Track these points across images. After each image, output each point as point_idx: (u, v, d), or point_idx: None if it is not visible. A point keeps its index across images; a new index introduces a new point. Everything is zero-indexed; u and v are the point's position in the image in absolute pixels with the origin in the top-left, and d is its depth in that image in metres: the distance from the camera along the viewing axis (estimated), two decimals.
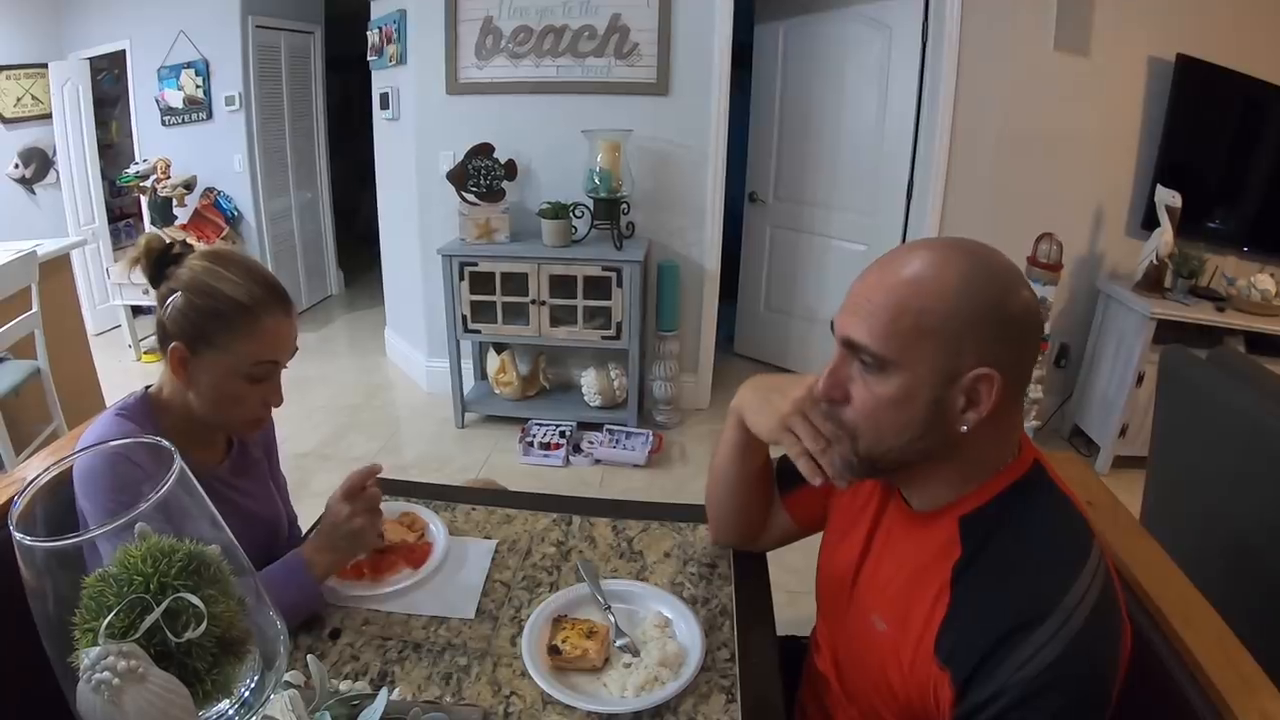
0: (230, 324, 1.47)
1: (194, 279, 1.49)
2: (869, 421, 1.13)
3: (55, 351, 3.85)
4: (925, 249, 1.12)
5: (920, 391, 1.08)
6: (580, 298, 4.46)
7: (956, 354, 1.06)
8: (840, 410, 1.17)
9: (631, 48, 4.53)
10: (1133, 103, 4.36)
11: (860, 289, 1.14)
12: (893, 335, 1.07)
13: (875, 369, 1.10)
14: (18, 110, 6.10)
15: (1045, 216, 4.30)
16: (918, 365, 1.07)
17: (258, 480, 1.81)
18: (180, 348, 1.48)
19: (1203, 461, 2.27)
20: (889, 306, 1.08)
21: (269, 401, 1.60)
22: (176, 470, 0.76)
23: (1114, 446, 4.30)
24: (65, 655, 0.71)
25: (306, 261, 7.43)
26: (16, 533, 0.70)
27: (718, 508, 1.70)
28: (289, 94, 6.90)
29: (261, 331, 1.50)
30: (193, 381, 1.52)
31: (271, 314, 1.51)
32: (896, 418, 1.10)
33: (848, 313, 1.13)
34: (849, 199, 5.12)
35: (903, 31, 4.54)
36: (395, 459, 4.54)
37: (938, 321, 1.06)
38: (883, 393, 1.10)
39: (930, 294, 1.07)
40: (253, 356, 1.50)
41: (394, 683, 1.37)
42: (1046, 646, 0.99)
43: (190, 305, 1.47)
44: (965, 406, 1.08)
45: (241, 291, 1.48)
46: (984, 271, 1.08)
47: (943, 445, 1.12)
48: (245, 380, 1.52)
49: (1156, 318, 4.03)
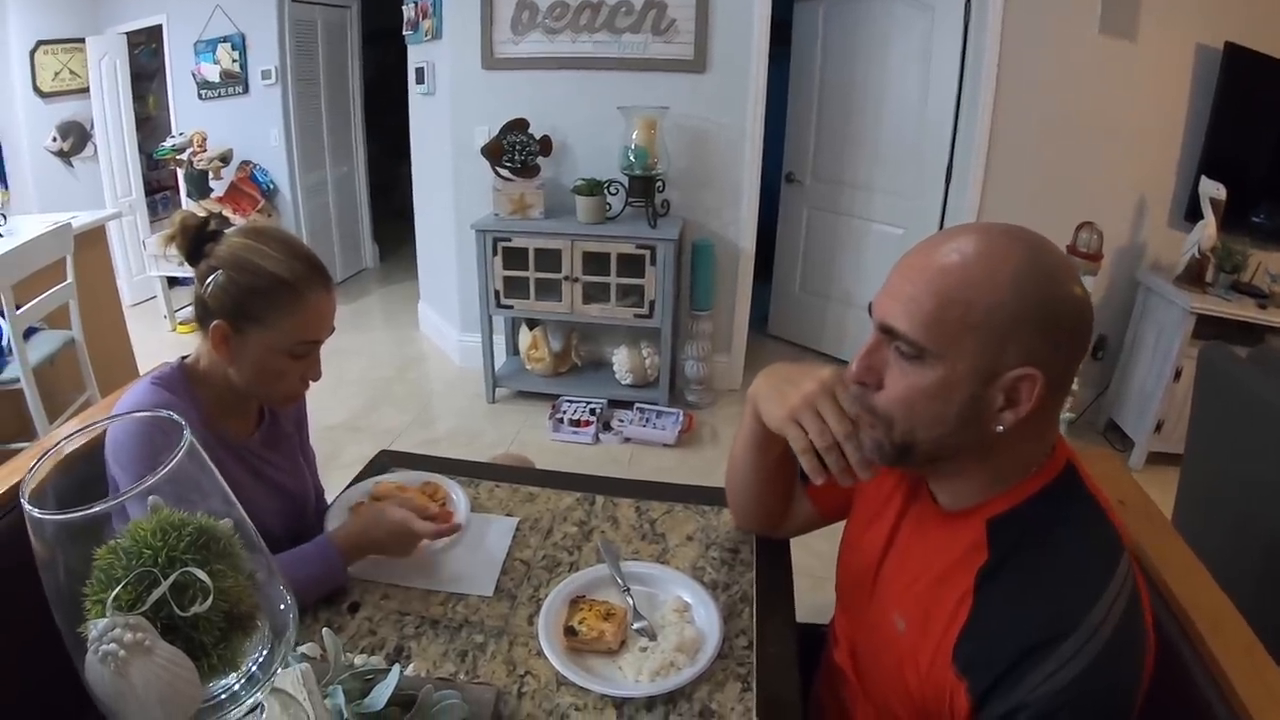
0: (273, 300, 1.47)
1: (234, 255, 1.48)
2: (902, 409, 1.09)
3: (90, 322, 3.89)
4: (977, 235, 1.07)
5: (958, 386, 1.04)
6: (613, 275, 4.44)
7: (1000, 351, 1.01)
8: (872, 396, 1.12)
9: (669, 24, 4.49)
10: (1179, 91, 4.28)
11: (903, 273, 1.09)
12: (935, 325, 1.03)
13: (913, 358, 1.05)
14: (56, 84, 6.15)
15: (1086, 204, 4.24)
16: (958, 359, 1.03)
17: (288, 453, 1.81)
18: (223, 325, 1.48)
19: (1239, 463, 2.23)
20: (934, 295, 1.03)
21: (308, 376, 1.60)
22: (186, 444, 0.75)
23: (1149, 442, 4.23)
24: (75, 626, 0.70)
25: (342, 235, 7.47)
26: (27, 505, 0.69)
27: (737, 496, 1.68)
28: (325, 68, 6.93)
29: (304, 307, 1.50)
30: (235, 357, 1.52)
31: (314, 289, 1.52)
32: (930, 409, 1.06)
33: (889, 297, 1.09)
34: (888, 181, 5.07)
35: (945, 12, 4.48)
36: (426, 432, 4.56)
37: (984, 316, 1.01)
38: (918, 382, 1.06)
39: (979, 286, 1.02)
40: (296, 333, 1.51)
41: (410, 658, 1.37)
42: (1069, 664, 0.97)
43: (232, 282, 1.47)
44: (1003, 406, 1.04)
45: (283, 267, 1.48)
46: (1038, 266, 1.02)
47: (976, 444, 1.08)
48: (287, 356, 1.52)
49: (1197, 312, 3.95)
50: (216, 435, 1.57)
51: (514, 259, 4.52)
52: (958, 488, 1.17)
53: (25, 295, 3.45)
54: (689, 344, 4.81)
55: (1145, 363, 4.35)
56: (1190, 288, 4.07)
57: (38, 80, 6.02)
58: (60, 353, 3.77)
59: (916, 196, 4.88)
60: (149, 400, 1.47)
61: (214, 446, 1.53)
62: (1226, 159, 4.18)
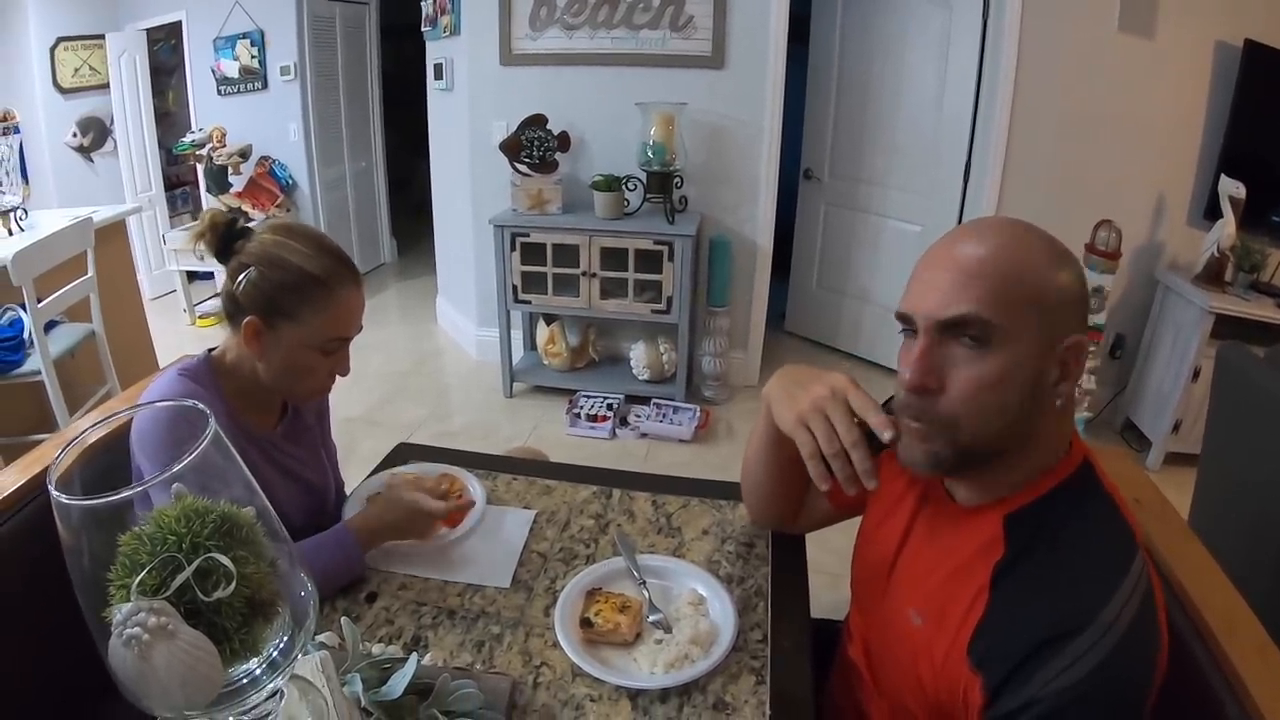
0: (304, 296, 1.49)
1: (265, 252, 1.51)
2: (971, 406, 1.06)
3: (110, 315, 3.93)
4: (998, 223, 1.12)
5: (1023, 365, 1.04)
6: (631, 271, 4.45)
7: (1053, 324, 1.04)
8: (934, 402, 1.09)
9: (687, 20, 4.49)
10: (1198, 88, 4.26)
11: (936, 268, 1.10)
12: (1003, 303, 1.03)
13: (981, 344, 1.05)
14: (76, 80, 6.20)
15: (1104, 202, 4.22)
16: (1023, 335, 1.04)
17: (309, 446, 1.83)
18: (256, 321, 1.50)
19: (1256, 464, 2.20)
20: (997, 274, 1.04)
21: (336, 372, 1.62)
22: (210, 433, 0.76)
23: (1166, 443, 4.20)
24: (99, 611, 0.71)
25: (360, 230, 7.51)
26: (54, 490, 0.70)
27: (752, 493, 1.68)
28: (343, 64, 6.96)
29: (335, 303, 1.53)
30: (266, 353, 1.53)
31: (344, 285, 1.54)
32: (994, 400, 1.06)
33: (933, 291, 1.08)
34: (906, 178, 5.05)
35: (964, 9, 4.46)
36: (443, 426, 4.58)
37: (1040, 291, 1.04)
38: (984, 371, 1.05)
39: (1028, 263, 1.05)
40: (327, 330, 1.53)
41: (427, 648, 1.38)
42: (1081, 660, 0.97)
43: (264, 278, 1.49)
44: (1059, 378, 1.06)
45: (313, 264, 1.50)
46: (1056, 246, 1.08)
47: (1031, 427, 1.09)
48: (318, 352, 1.54)
49: (1215, 312, 3.92)
50: (240, 427, 1.59)
51: (532, 254, 4.53)
52: (978, 484, 1.17)
53: (47, 289, 3.48)
54: (706, 340, 4.81)
55: (1163, 362, 4.32)
56: (1209, 287, 4.04)
57: (58, 76, 6.07)
58: (81, 345, 3.81)
59: (934, 194, 4.86)
60: (175, 390, 1.49)
61: (237, 438, 1.53)
62: (1246, 157, 4.15)
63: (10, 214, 4.04)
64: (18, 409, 3.68)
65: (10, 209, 4.06)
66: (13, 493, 1.43)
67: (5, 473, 1.50)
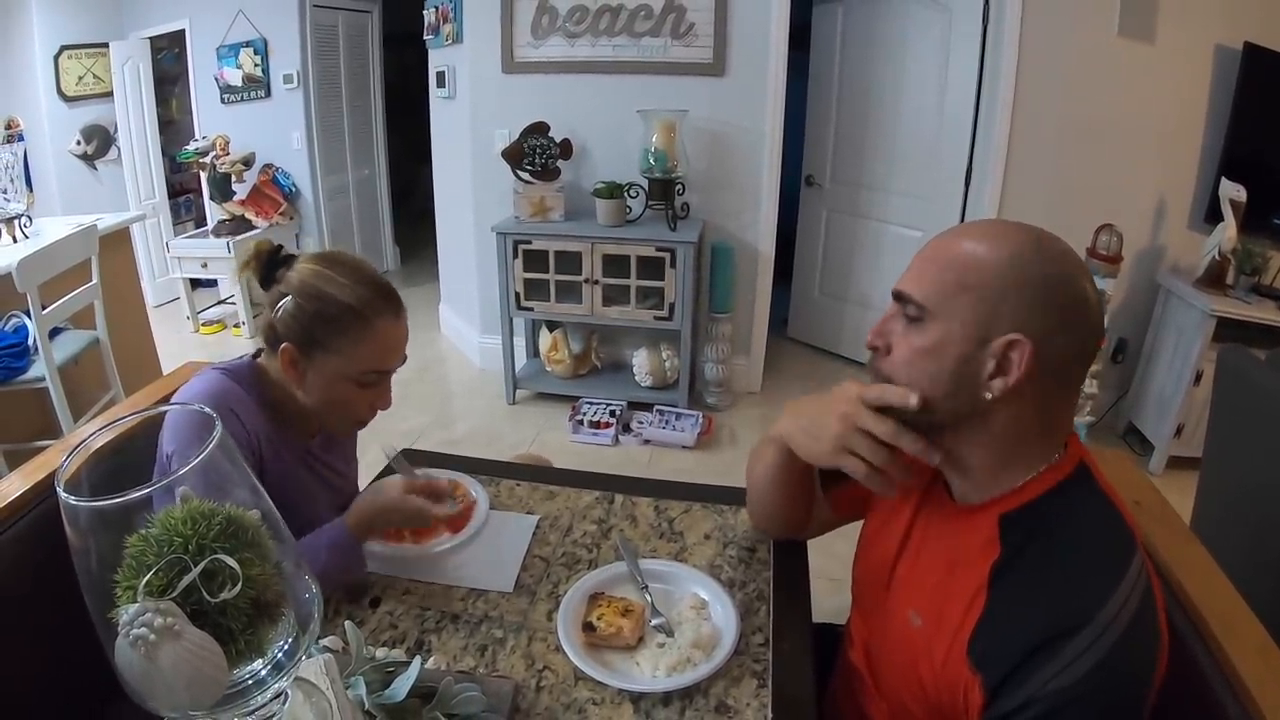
0: (340, 327, 1.48)
1: (304, 282, 1.50)
2: (903, 370, 1.14)
3: (114, 322, 3.95)
4: (989, 222, 1.17)
5: (951, 344, 1.09)
6: (633, 278, 4.45)
7: (990, 315, 1.06)
8: (881, 363, 1.18)
9: (688, 27, 4.50)
10: (1198, 92, 4.26)
11: (919, 254, 1.18)
12: (935, 286, 1.11)
13: (915, 319, 1.12)
14: (80, 89, 6.24)
15: (1106, 207, 4.21)
16: (952, 318, 1.09)
17: (342, 456, 1.84)
18: (291, 349, 1.49)
19: (1258, 467, 2.19)
20: (938, 261, 1.13)
21: (377, 405, 1.61)
22: (217, 436, 0.77)
23: (1169, 447, 4.19)
24: (106, 612, 0.72)
25: (363, 237, 7.53)
26: (62, 493, 0.71)
27: (759, 511, 1.68)
28: (346, 72, 6.99)
29: (373, 336, 1.51)
30: (303, 381, 1.53)
31: (382, 316, 1.52)
32: (926, 368, 1.11)
33: (905, 273, 1.17)
34: (907, 184, 5.06)
35: (963, 14, 4.47)
36: (445, 433, 4.58)
37: (979, 279, 1.08)
38: (917, 341, 1.12)
39: (979, 255, 1.09)
40: (364, 362, 1.52)
41: (430, 652, 1.38)
42: (1080, 659, 0.97)
43: (300, 309, 1.48)
44: (994, 373, 1.07)
45: (350, 294, 1.49)
46: (1040, 253, 1.08)
47: (972, 414, 1.11)
48: (355, 384, 1.53)
49: (1216, 315, 3.92)
50: (280, 434, 1.58)
51: (534, 261, 4.53)
52: (970, 478, 1.18)
53: (51, 296, 3.50)
54: (708, 346, 4.81)
55: (1165, 366, 4.32)
56: (1210, 290, 4.04)
57: (62, 84, 6.10)
58: (85, 352, 3.82)
59: (935, 199, 4.86)
60: (215, 388, 1.49)
61: (277, 443, 1.56)
62: (1246, 160, 4.16)
63: (15, 221, 4.06)
64: (22, 415, 3.69)
65: (15, 216, 4.08)
66: (18, 498, 1.44)
67: (10, 478, 1.51)
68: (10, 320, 3.63)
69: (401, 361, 1.59)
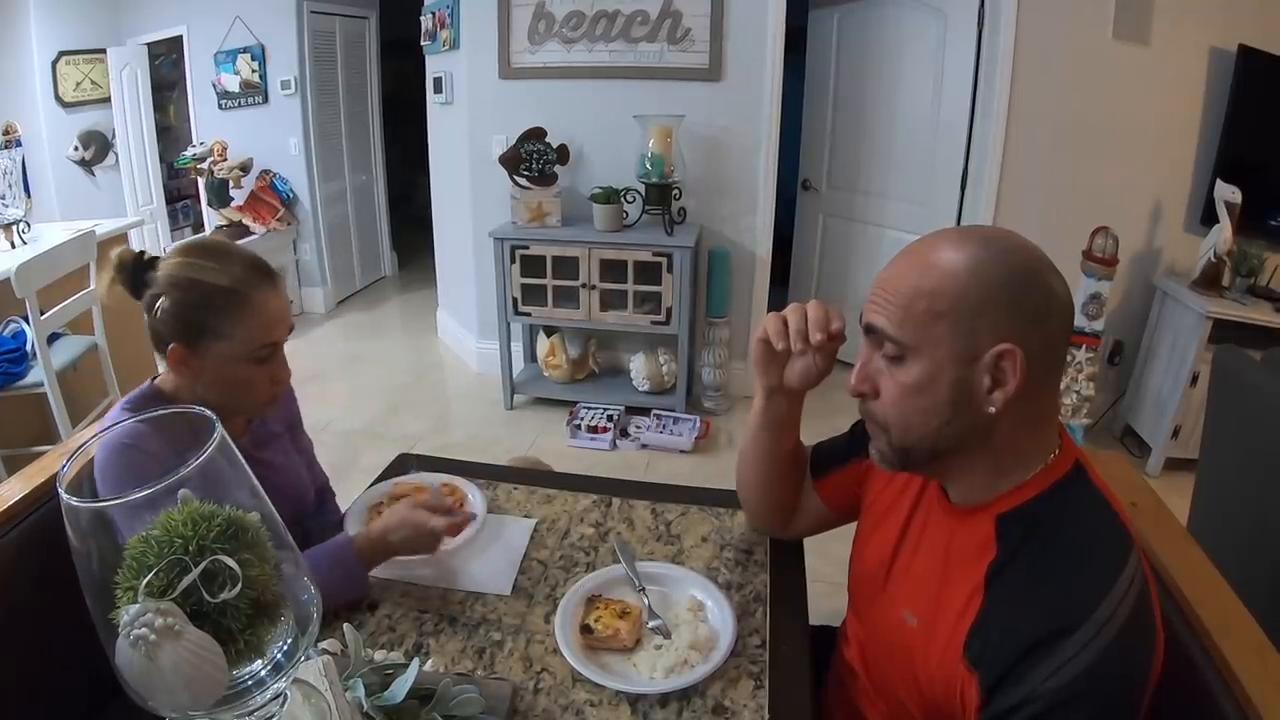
0: (222, 311, 1.47)
1: (173, 277, 1.48)
2: (896, 411, 1.13)
3: (113, 328, 3.96)
4: (941, 237, 1.13)
5: (942, 375, 1.08)
6: (631, 282, 4.46)
7: (971, 333, 1.05)
8: (871, 406, 1.17)
9: (684, 33, 4.51)
10: (1193, 94, 4.28)
11: (881, 279, 1.14)
12: (908, 321, 1.09)
13: (896, 358, 1.11)
14: (77, 94, 6.24)
15: (1101, 209, 4.22)
16: (934, 349, 1.07)
17: (280, 452, 1.82)
18: (178, 348, 1.48)
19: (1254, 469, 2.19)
20: (903, 292, 1.09)
21: (276, 379, 1.60)
22: (217, 438, 0.78)
23: (1166, 448, 4.21)
24: (107, 613, 0.73)
25: (361, 243, 7.53)
26: (64, 494, 0.72)
27: (748, 488, 1.68)
28: (344, 78, 6.98)
29: (254, 311, 1.50)
30: (198, 375, 1.52)
31: (259, 290, 1.51)
32: (921, 404, 1.10)
33: (870, 302, 1.15)
34: (903, 188, 5.07)
35: (958, 18, 4.48)
36: (444, 439, 4.58)
37: (948, 304, 1.06)
38: (906, 380, 1.10)
39: (941, 277, 1.07)
40: (253, 339, 1.51)
41: (428, 654, 1.38)
42: (1076, 657, 0.98)
43: (177, 304, 1.47)
44: (991, 386, 1.07)
45: (223, 276, 1.48)
46: (995, 254, 1.07)
47: (974, 431, 1.10)
48: (250, 363, 1.52)
49: (1213, 317, 3.93)
50: None
51: (532, 266, 4.54)
52: (966, 482, 1.18)
53: (49, 301, 3.50)
54: (706, 351, 4.82)
55: (1162, 368, 4.33)
56: (1206, 292, 4.06)
57: (59, 90, 6.10)
58: (83, 358, 3.84)
59: (931, 203, 4.86)
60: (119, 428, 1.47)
61: None
62: (1242, 162, 4.17)
63: (13, 227, 4.07)
64: (21, 421, 3.70)
65: (13, 222, 4.08)
66: (17, 502, 1.44)
67: (10, 483, 1.51)
68: (8, 326, 3.64)
69: (289, 330, 1.59)
